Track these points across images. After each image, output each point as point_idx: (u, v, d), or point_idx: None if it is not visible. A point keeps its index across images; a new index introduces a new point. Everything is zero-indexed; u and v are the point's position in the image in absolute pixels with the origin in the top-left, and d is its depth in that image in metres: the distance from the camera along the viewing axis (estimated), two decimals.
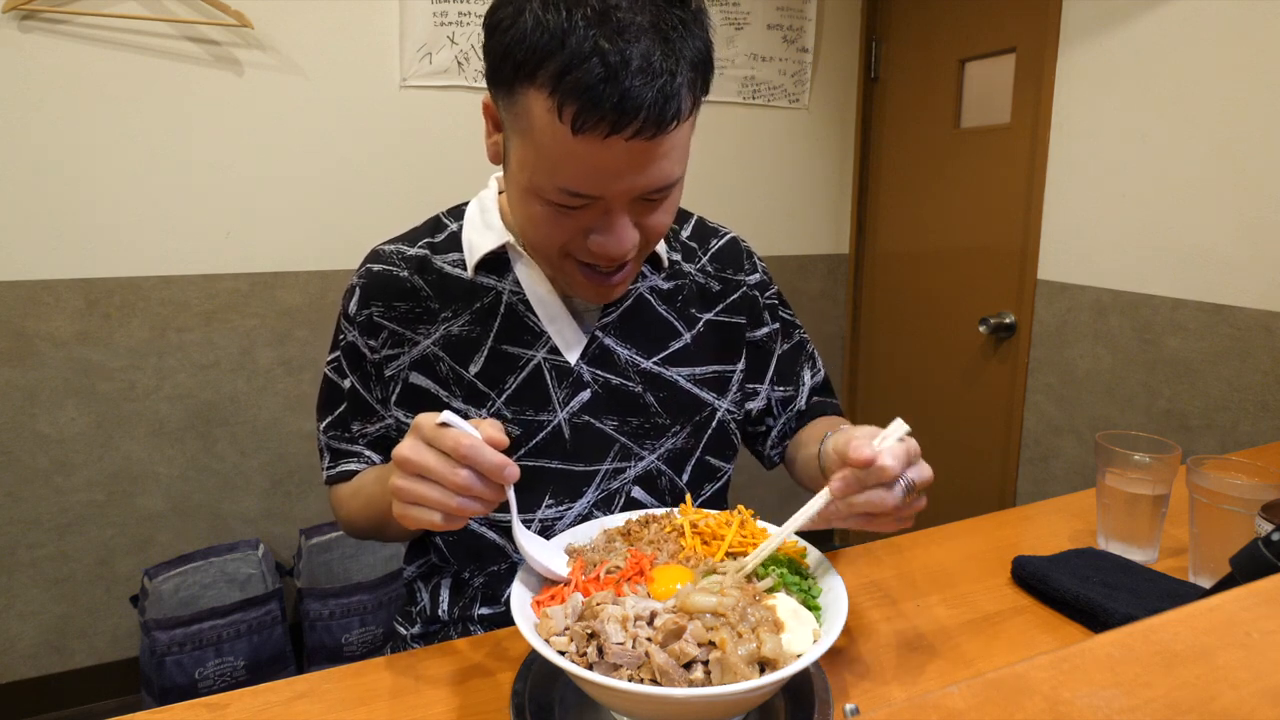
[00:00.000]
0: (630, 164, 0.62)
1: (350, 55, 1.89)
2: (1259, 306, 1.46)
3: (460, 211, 0.85)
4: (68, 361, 1.77)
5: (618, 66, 0.57)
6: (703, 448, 0.86)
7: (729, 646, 0.50)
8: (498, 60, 0.62)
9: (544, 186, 0.64)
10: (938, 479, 0.62)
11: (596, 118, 0.58)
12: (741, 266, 0.91)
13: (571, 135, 0.59)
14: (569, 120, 0.59)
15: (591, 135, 0.59)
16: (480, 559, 0.82)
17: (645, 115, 0.58)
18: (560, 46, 0.57)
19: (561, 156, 0.61)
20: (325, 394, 0.86)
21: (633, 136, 0.59)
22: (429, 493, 0.57)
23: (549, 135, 0.61)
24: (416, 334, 0.80)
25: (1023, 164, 1.94)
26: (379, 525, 0.81)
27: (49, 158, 1.69)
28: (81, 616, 1.87)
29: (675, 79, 0.59)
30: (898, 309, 2.45)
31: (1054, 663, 0.31)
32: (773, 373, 0.92)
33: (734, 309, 0.89)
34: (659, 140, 0.61)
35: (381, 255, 0.83)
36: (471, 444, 0.56)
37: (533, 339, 0.80)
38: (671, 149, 0.64)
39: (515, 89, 0.62)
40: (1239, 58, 1.46)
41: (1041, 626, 0.72)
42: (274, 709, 0.61)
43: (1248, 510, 0.74)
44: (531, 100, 0.61)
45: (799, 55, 2.39)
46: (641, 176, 0.63)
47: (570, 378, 0.80)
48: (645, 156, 0.62)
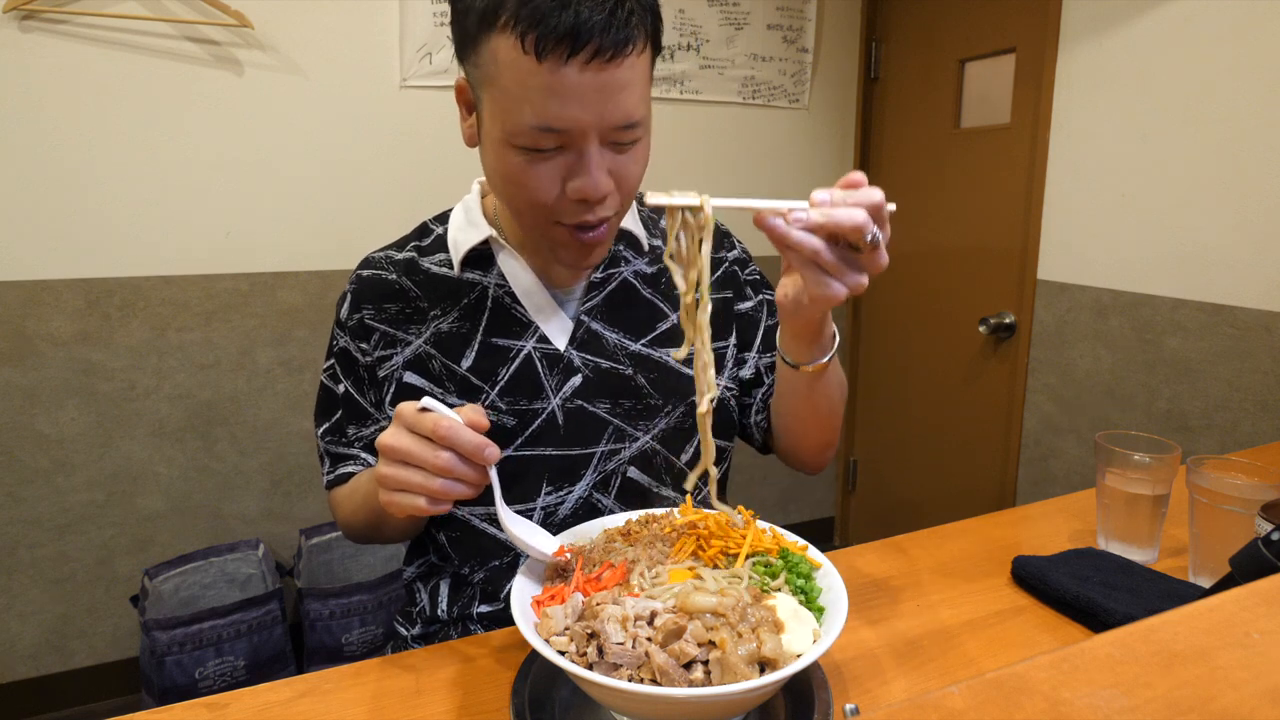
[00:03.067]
0: (592, 92, 0.65)
1: (350, 55, 1.89)
2: (1259, 306, 1.46)
3: (446, 216, 0.88)
4: (68, 361, 1.77)
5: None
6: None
7: (729, 646, 0.50)
8: (463, 20, 0.66)
9: (515, 130, 0.66)
10: (938, 479, 0.63)
11: (554, 39, 0.61)
12: (720, 244, 0.93)
13: (536, 63, 0.63)
14: (531, 47, 0.62)
15: (552, 60, 0.62)
16: (481, 555, 0.83)
17: (600, 36, 0.62)
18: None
19: (527, 90, 0.64)
20: (322, 401, 0.88)
21: (590, 59, 0.63)
22: (411, 477, 0.58)
23: (513, 70, 0.64)
24: (408, 334, 0.82)
25: (1023, 164, 1.94)
26: (375, 524, 0.81)
27: (49, 158, 1.69)
28: (81, 616, 1.87)
29: (623, 6, 0.63)
30: (898, 309, 2.45)
31: (1054, 663, 0.31)
32: (759, 341, 0.92)
33: (718, 285, 0.91)
34: (616, 66, 0.64)
35: (371, 261, 0.86)
36: (450, 425, 0.58)
37: (521, 330, 0.81)
38: (630, 83, 0.66)
39: (480, 40, 0.65)
40: (1239, 58, 1.46)
41: (1041, 626, 0.72)
42: (274, 709, 0.62)
43: (1248, 510, 0.74)
44: (496, 44, 0.64)
45: (799, 55, 2.39)
46: (605, 106, 0.66)
47: (560, 364, 0.81)
48: (605, 86, 0.65)
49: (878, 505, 2.62)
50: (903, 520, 2.46)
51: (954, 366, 2.22)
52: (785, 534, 0.67)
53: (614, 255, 0.86)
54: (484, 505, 0.82)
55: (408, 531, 0.85)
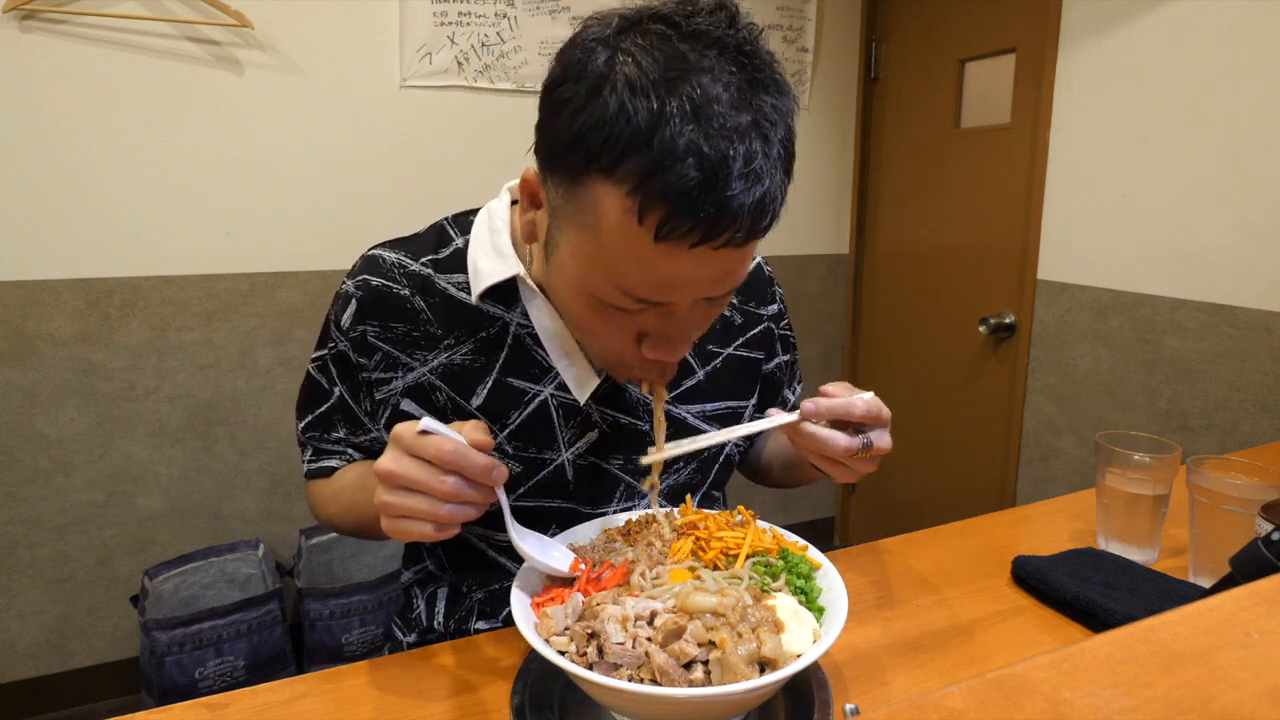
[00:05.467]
0: (711, 272, 0.56)
1: (350, 55, 1.89)
2: (1259, 306, 1.46)
3: (467, 224, 0.78)
4: (68, 361, 1.77)
5: (718, 170, 0.49)
6: (709, 483, 0.85)
7: (729, 646, 0.50)
8: (563, 144, 0.54)
9: (601, 287, 0.57)
10: (938, 479, 0.63)
11: (687, 227, 0.51)
12: (764, 298, 0.89)
13: (651, 242, 0.52)
14: (651, 226, 0.51)
15: (676, 243, 0.52)
16: (480, 574, 0.81)
17: (741, 224, 0.52)
18: (649, 141, 0.49)
19: (632, 261, 0.54)
20: (308, 392, 0.82)
21: (723, 245, 0.53)
22: (417, 505, 0.55)
23: (620, 236, 0.53)
24: (412, 359, 0.75)
25: (1023, 164, 1.94)
26: (363, 530, 0.79)
27: (49, 158, 1.69)
28: (81, 616, 1.87)
29: (774, 180, 0.53)
30: (898, 309, 2.44)
31: (1054, 663, 0.31)
32: (774, 404, 0.92)
33: (753, 344, 0.87)
34: (749, 246, 0.56)
35: (381, 266, 0.76)
36: (455, 449, 0.54)
37: (540, 374, 0.75)
38: (755, 248, 0.58)
39: (582, 178, 0.54)
40: (1239, 58, 1.46)
41: (1041, 626, 0.72)
42: (274, 709, 0.61)
43: (1248, 510, 0.74)
44: (603, 194, 0.53)
45: (799, 55, 2.39)
46: (719, 284, 0.58)
47: (578, 417, 0.76)
48: (729, 262, 0.56)
49: (878, 505, 2.62)
50: (903, 520, 2.46)
51: (954, 366, 2.21)
52: (785, 534, 0.67)
53: None
54: (481, 525, 0.78)
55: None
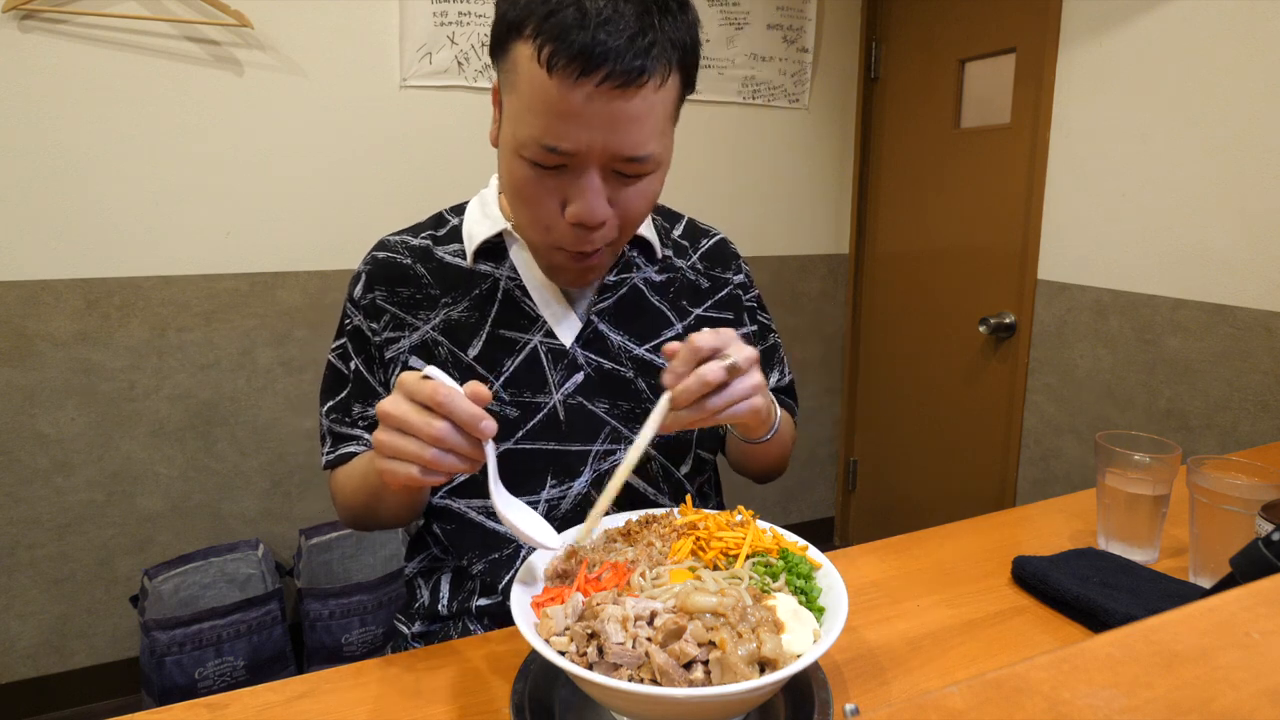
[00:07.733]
0: (600, 117, 0.65)
1: (350, 55, 1.89)
2: (1259, 306, 1.46)
3: (462, 208, 0.90)
4: (68, 361, 1.77)
5: (592, 14, 0.62)
6: (695, 440, 0.88)
7: (729, 646, 0.50)
8: (499, 31, 0.68)
9: (524, 141, 0.67)
10: (938, 479, 0.63)
11: (567, 57, 0.62)
12: (729, 266, 0.95)
13: (547, 78, 0.63)
14: (545, 61, 0.63)
15: (562, 77, 0.63)
16: (480, 547, 0.83)
17: (613, 63, 0.62)
18: (547, 1, 0.63)
19: (540, 101, 0.65)
20: (329, 379, 0.89)
21: (601, 82, 0.63)
22: (406, 445, 0.58)
23: (528, 80, 0.65)
24: (417, 319, 0.83)
25: (1023, 164, 1.94)
26: (373, 505, 0.81)
27: (49, 158, 1.69)
28: (81, 616, 1.87)
29: (645, 37, 0.63)
30: (898, 309, 2.45)
31: (1054, 663, 0.31)
32: None
33: (722, 305, 0.92)
34: (628, 96, 0.64)
35: (387, 244, 0.88)
36: (448, 393, 0.57)
37: (529, 323, 0.83)
38: (642, 116, 0.66)
39: (507, 45, 0.67)
40: (1239, 58, 1.46)
41: (1041, 626, 0.72)
42: (274, 709, 0.61)
43: (1248, 510, 0.74)
44: (519, 51, 0.65)
45: (799, 55, 2.39)
46: (612, 135, 0.66)
47: (565, 360, 0.83)
48: (615, 113, 0.65)
49: (878, 505, 2.62)
50: (903, 520, 2.46)
51: (954, 366, 2.22)
52: (785, 534, 0.67)
53: (627, 260, 0.88)
54: (480, 498, 0.83)
55: (404, 515, 0.84)
